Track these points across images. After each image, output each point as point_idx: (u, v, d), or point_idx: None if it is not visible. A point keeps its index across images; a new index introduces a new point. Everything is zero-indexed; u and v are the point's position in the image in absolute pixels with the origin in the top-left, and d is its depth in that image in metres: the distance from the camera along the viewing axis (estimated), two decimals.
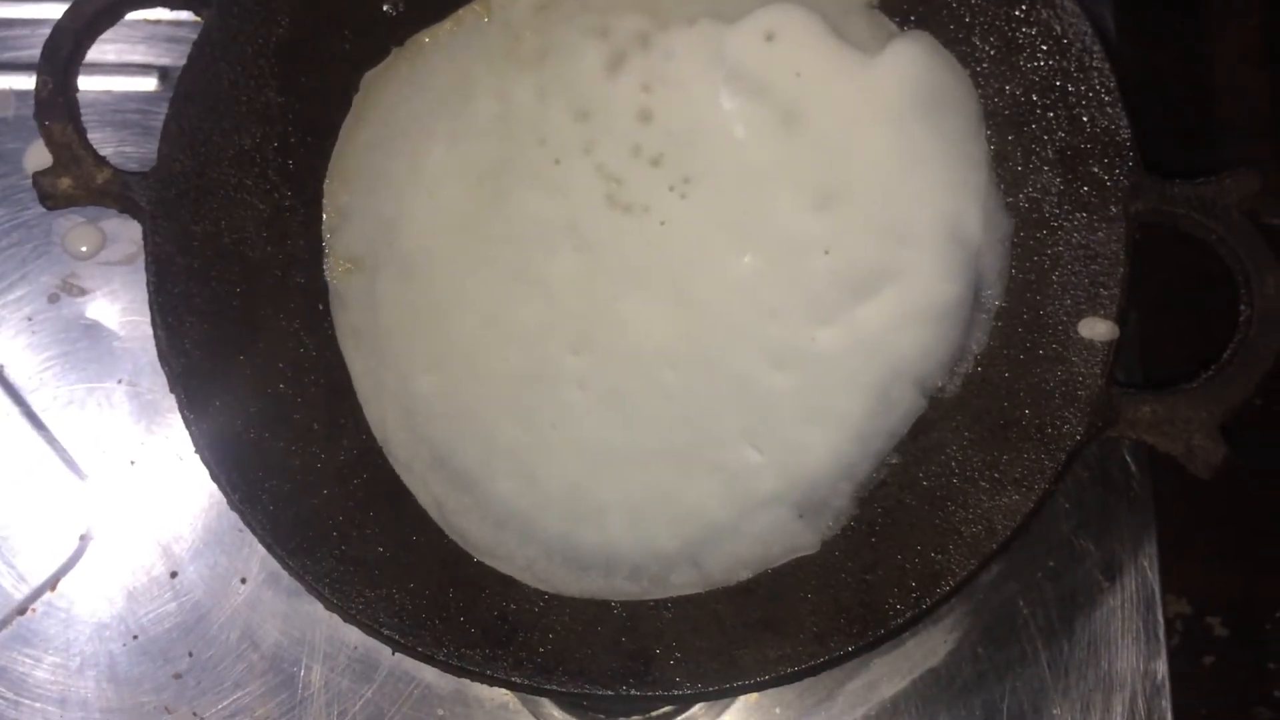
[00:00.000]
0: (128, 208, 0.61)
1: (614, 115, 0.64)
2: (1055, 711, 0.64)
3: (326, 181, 0.65)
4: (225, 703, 0.66)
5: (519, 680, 0.55)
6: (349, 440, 0.62)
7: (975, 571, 0.56)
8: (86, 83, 0.61)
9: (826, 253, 0.62)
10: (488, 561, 0.60)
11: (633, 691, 0.55)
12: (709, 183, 0.64)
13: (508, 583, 0.59)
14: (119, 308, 0.72)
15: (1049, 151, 0.61)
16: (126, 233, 0.73)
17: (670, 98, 0.64)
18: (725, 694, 0.56)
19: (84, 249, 0.73)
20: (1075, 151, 0.60)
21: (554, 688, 0.55)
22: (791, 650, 0.55)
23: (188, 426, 0.58)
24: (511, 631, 0.57)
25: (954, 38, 0.64)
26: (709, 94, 0.64)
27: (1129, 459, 0.67)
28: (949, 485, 0.59)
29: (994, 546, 0.56)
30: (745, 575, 0.59)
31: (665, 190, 0.64)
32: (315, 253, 0.64)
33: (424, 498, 0.61)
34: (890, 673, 0.65)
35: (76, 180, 0.60)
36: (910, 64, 0.63)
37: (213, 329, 0.60)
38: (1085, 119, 0.60)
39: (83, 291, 0.73)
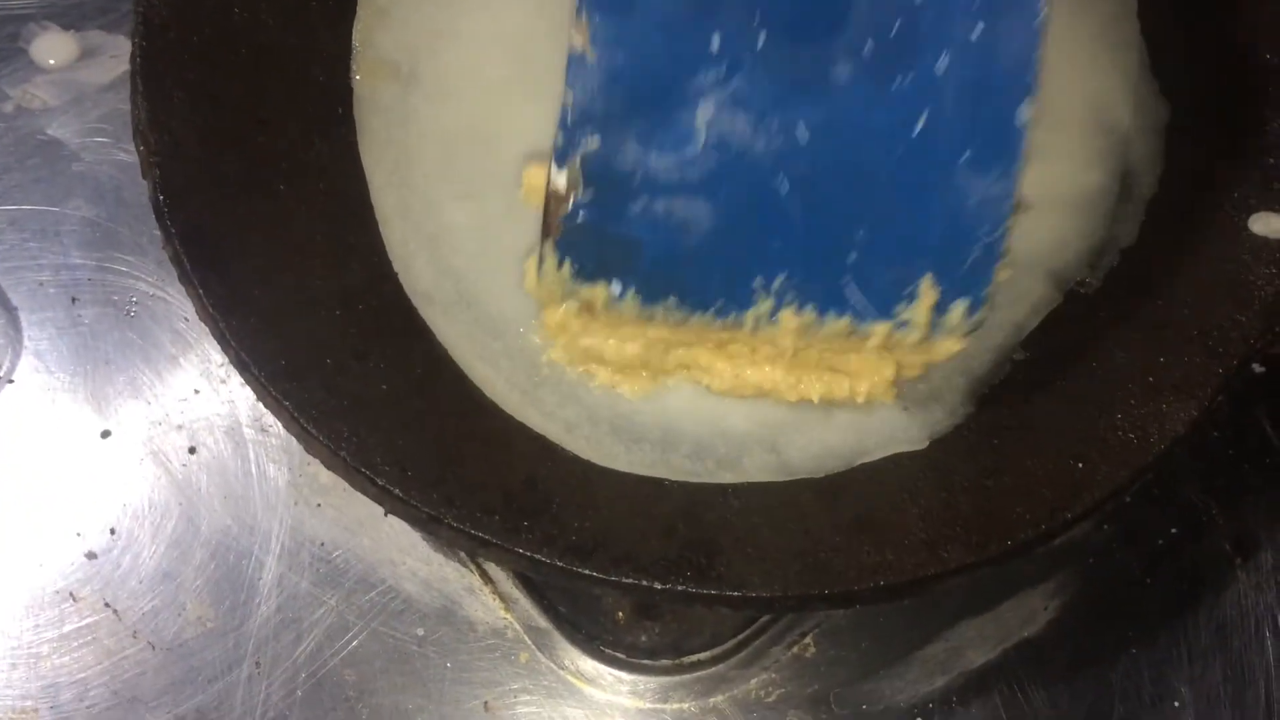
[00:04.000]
0: None
1: None
2: (1175, 704, 0.52)
3: None
4: (148, 596, 0.53)
5: (546, 560, 0.43)
6: (358, 263, 0.50)
7: (1125, 486, 0.45)
8: None
9: None
10: (519, 418, 0.48)
11: (690, 588, 0.43)
12: None
13: (543, 445, 0.47)
14: (84, 126, 0.61)
15: (1213, 33, 0.53)
16: (108, 46, 0.62)
17: None
18: (807, 604, 0.44)
19: (52, 61, 0.62)
20: (1245, 33, 0.52)
21: (591, 572, 0.43)
22: (895, 558, 0.44)
23: (158, 216, 0.47)
24: (543, 501, 0.44)
25: None
26: None
27: (1267, 425, 0.57)
28: (1090, 387, 0.48)
29: (1150, 458, 0.45)
30: (835, 467, 0.47)
31: None
32: (343, 51, 0.54)
33: (445, 334, 0.49)
34: (977, 639, 0.53)
35: None
36: None
37: (206, 111, 0.49)
38: None
39: (45, 104, 0.61)
